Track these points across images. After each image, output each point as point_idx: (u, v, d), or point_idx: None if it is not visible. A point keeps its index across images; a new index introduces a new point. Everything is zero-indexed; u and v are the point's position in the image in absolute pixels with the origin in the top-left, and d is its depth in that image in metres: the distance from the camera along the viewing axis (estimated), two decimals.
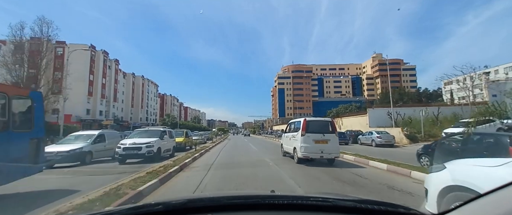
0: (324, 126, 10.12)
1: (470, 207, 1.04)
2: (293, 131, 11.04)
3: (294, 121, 11.70)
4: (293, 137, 10.69)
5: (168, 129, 13.60)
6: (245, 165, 10.17)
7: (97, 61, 53.88)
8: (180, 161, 9.56)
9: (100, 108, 55.45)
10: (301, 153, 9.50)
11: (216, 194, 2.05)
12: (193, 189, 5.85)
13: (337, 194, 1.70)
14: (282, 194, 1.65)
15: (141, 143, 10.97)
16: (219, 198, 1.50)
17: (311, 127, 9.80)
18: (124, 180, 6.24)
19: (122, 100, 69.03)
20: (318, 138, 9.52)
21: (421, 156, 9.53)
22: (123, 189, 5.05)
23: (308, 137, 9.51)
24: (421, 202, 3.01)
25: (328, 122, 10.61)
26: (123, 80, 70.15)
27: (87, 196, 4.63)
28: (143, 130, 12.97)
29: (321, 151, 9.43)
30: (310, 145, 9.44)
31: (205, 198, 1.51)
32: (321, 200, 1.32)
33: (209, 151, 16.08)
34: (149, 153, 10.82)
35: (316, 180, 6.96)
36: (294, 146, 10.31)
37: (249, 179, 6.92)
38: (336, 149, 9.82)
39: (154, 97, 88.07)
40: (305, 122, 9.92)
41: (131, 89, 73.08)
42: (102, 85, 55.40)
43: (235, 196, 1.63)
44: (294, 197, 1.53)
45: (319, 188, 6.08)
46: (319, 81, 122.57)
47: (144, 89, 78.62)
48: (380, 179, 6.99)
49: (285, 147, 12.19)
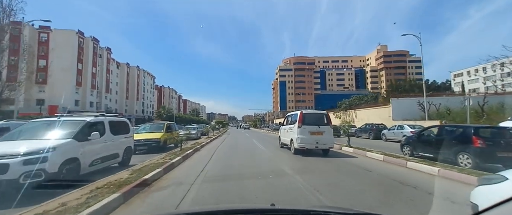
0: (320, 119, 10.37)
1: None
2: (290, 123, 11.17)
3: (291, 114, 11.93)
4: (290, 129, 10.85)
5: (111, 119, 7.31)
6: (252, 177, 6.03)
7: (86, 49, 49.12)
8: (119, 184, 4.61)
9: (91, 99, 50.99)
10: (297, 144, 9.78)
11: (215, 208, 2.16)
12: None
13: (340, 208, 1.65)
14: (282, 208, 1.60)
15: (12, 153, 4.54)
16: (217, 212, 1.50)
17: (307, 120, 10.05)
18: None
19: (116, 91, 64.51)
20: (313, 130, 9.76)
21: (404, 146, 10.14)
22: None
23: (304, 129, 9.76)
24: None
25: (324, 114, 10.71)
26: (117, 71, 65.44)
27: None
28: (44, 121, 6.33)
29: (316, 142, 9.65)
30: (306, 136, 9.69)
31: (203, 212, 1.53)
32: (323, 213, 1.30)
33: (200, 151, 11.66)
34: (26, 177, 4.37)
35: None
36: (291, 138, 10.49)
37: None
38: (331, 140, 10.07)
39: (150, 89, 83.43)
40: (302, 114, 10.18)
41: (126, 80, 68.41)
42: (92, 75, 50.78)
43: (234, 210, 1.57)
44: (295, 210, 1.47)
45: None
46: (322, 74, 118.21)
47: (139, 80, 73.92)
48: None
49: (282, 139, 12.51)
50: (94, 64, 51.25)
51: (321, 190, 4.76)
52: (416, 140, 9.48)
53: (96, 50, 52.09)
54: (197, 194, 4.52)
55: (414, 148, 9.39)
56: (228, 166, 7.82)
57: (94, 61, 51.20)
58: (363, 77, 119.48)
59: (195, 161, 8.81)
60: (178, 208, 3.82)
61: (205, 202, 4.06)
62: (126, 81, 68.47)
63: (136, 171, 5.87)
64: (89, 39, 49.92)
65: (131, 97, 70.21)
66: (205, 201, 4.10)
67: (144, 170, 5.97)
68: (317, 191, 4.69)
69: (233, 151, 12.43)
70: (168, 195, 4.52)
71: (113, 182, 4.81)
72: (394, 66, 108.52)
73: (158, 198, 4.40)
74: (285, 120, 12.50)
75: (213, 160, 8.98)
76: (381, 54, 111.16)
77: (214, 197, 4.38)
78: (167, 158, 8.22)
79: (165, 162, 7.20)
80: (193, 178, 5.79)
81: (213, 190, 4.83)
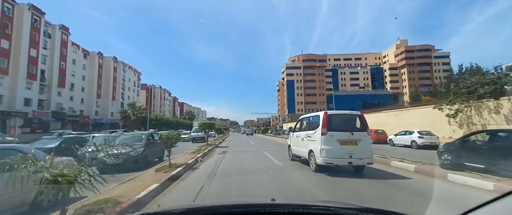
0: (351, 122, 7.28)
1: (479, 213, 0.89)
2: (307, 128, 8.25)
3: (308, 116, 8.82)
4: (307, 137, 7.86)
5: None
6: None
7: (17, 20, 32.64)
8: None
9: (28, 94, 34.27)
10: (321, 159, 6.71)
11: (216, 203, 2.06)
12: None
13: (339, 202, 1.59)
14: (282, 203, 1.59)
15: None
16: (218, 206, 1.46)
17: (335, 123, 7.03)
18: None
19: (82, 88, 47.83)
20: (344, 138, 6.79)
21: (442, 154, 8.21)
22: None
23: (331, 136, 6.78)
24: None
25: (357, 116, 7.42)
26: (84, 61, 48.79)
27: None
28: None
29: (350, 155, 6.64)
30: (333, 147, 6.70)
31: (204, 206, 1.50)
32: (322, 208, 1.27)
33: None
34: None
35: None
36: (309, 149, 7.52)
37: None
38: (369, 152, 6.94)
39: (134, 88, 66.47)
40: (326, 116, 7.05)
41: (97, 73, 51.87)
42: (30, 60, 34.14)
43: (235, 204, 1.50)
44: (294, 205, 1.42)
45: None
46: (334, 72, 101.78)
47: (117, 75, 57.17)
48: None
49: (294, 149, 9.34)
50: (33, 45, 34.60)
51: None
52: (459, 147, 7.72)
53: (38, 25, 35.49)
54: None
55: (456, 156, 7.55)
56: None
57: (33, 40, 34.55)
58: (380, 76, 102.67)
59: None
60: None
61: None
62: (98, 76, 51.89)
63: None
64: (24, 7, 33.42)
65: (105, 97, 53.45)
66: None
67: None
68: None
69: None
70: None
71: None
72: (417, 62, 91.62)
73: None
74: (298, 124, 9.33)
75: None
76: (401, 50, 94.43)
77: None
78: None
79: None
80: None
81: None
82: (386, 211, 1.22)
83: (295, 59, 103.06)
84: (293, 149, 9.58)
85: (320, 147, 6.79)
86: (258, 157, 11.40)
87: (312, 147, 7.35)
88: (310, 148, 7.51)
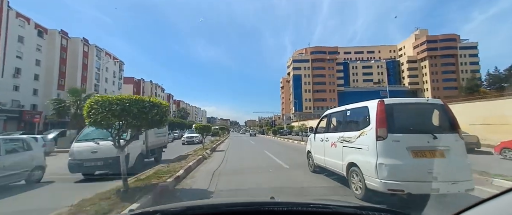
0: (428, 116, 3.91)
1: (473, 212, 0.87)
2: (341, 129, 4.97)
3: (340, 110, 5.21)
4: (344, 141, 4.59)
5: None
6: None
7: None
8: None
9: None
10: (380, 181, 3.54)
11: (216, 201, 2.02)
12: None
13: (338, 201, 1.54)
14: (282, 201, 1.51)
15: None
16: (218, 205, 1.43)
17: (401, 119, 3.77)
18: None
19: (34, 75, 35.70)
20: (421, 145, 3.54)
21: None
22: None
23: (397, 143, 3.56)
24: None
25: (437, 106, 3.93)
26: (37, 40, 36.43)
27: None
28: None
29: (433, 175, 3.35)
30: (402, 161, 3.50)
31: (204, 205, 1.46)
32: (322, 207, 1.25)
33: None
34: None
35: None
36: (349, 161, 4.36)
37: None
38: (466, 170, 3.56)
39: (114, 79, 54.09)
40: (384, 107, 3.77)
41: (59, 58, 39.61)
42: None
43: (235, 203, 1.49)
44: (294, 203, 1.39)
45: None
46: (345, 66, 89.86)
47: (88, 62, 44.86)
48: None
49: (317, 158, 6.11)
50: None
51: None
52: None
53: None
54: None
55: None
56: None
57: None
58: (396, 70, 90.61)
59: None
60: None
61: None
62: (60, 61, 39.64)
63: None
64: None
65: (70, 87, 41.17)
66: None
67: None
68: None
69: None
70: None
71: None
72: (440, 54, 79.35)
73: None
74: (323, 122, 6.03)
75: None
76: (422, 40, 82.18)
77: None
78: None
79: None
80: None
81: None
82: (384, 209, 1.20)
83: (302, 51, 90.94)
84: (315, 157, 6.31)
85: (375, 161, 3.64)
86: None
87: (355, 159, 4.19)
88: (350, 159, 4.34)
